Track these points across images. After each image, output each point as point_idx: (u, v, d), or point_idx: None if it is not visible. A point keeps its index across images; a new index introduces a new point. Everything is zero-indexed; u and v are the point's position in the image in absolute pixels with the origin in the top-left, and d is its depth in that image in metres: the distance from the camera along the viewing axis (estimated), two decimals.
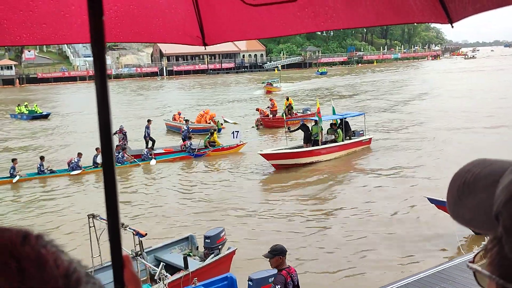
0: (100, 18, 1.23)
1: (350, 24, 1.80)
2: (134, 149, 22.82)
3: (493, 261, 0.60)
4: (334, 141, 21.73)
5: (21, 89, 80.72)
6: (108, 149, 1.17)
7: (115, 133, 21.71)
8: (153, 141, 23.79)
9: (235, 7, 1.82)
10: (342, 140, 21.72)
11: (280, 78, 55.41)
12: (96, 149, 20.41)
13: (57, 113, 42.32)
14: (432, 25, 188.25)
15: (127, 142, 22.93)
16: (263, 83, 56.67)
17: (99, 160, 20.20)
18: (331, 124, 22.35)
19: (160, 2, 1.92)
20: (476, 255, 0.65)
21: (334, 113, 22.89)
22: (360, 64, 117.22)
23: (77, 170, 20.15)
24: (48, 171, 20.05)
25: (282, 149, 21.07)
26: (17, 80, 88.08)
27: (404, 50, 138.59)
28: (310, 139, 21.32)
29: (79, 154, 20.57)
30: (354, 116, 24.07)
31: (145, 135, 23.75)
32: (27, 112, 40.41)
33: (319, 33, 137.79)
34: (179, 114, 31.21)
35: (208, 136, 23.89)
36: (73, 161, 20.41)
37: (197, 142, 23.15)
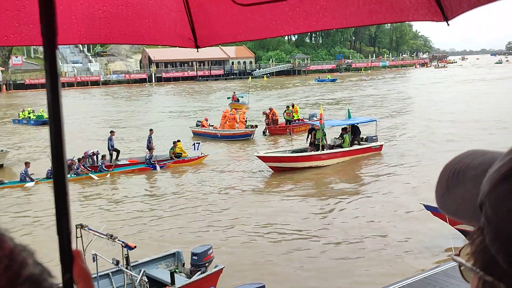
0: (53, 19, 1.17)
1: (343, 23, 1.78)
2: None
3: (475, 252, 0.59)
4: (340, 146, 21.63)
5: (8, 95, 79.97)
6: (59, 157, 1.12)
7: (89, 156, 21.22)
8: (118, 152, 22.95)
9: (227, 8, 1.80)
10: (348, 146, 21.60)
11: (249, 92, 47.05)
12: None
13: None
14: (420, 33, 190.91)
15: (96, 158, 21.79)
16: (228, 98, 46.64)
17: None
18: (342, 129, 22.24)
19: (151, 2, 1.88)
20: (462, 248, 0.64)
21: (349, 117, 22.68)
22: (349, 72, 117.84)
23: (30, 182, 19.19)
24: None
25: (284, 151, 21.08)
26: (4, 86, 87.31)
27: (392, 58, 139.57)
28: (315, 143, 21.38)
29: (27, 164, 19.72)
30: (365, 122, 23.89)
31: (108, 147, 22.75)
32: (34, 117, 39.32)
33: (308, 40, 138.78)
34: (206, 120, 30.65)
35: (172, 147, 23.00)
36: (22, 172, 19.50)
37: (157, 154, 22.57)
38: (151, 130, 24.08)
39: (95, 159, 21.56)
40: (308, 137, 22.52)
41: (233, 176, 19.87)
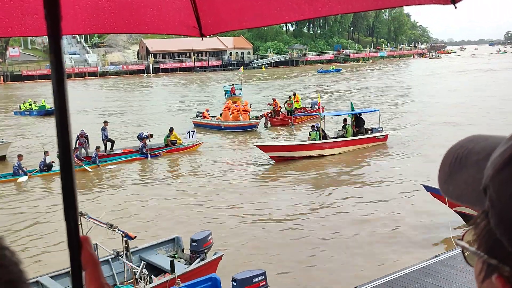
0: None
1: (349, 8, 1.75)
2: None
3: (479, 235, 0.60)
4: (343, 137, 21.53)
5: (6, 86, 79.68)
6: (65, 146, 1.12)
7: (77, 139, 21.00)
8: (112, 143, 22.66)
9: None
10: (351, 136, 21.47)
11: (242, 83, 44.23)
12: (45, 152, 19.46)
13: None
14: (418, 23, 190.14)
15: (87, 146, 21.66)
16: (226, 91, 43.20)
17: (48, 160, 19.21)
18: (343, 120, 22.22)
19: None
20: (465, 232, 0.64)
21: (352, 109, 22.58)
22: (347, 62, 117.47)
23: (23, 176, 18.78)
24: None
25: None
26: (1, 78, 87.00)
27: (391, 48, 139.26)
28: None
29: (19, 157, 19.44)
30: (367, 112, 23.89)
31: (102, 137, 22.41)
32: (36, 108, 39.54)
33: (306, 31, 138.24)
34: (207, 111, 30.54)
35: (167, 134, 22.94)
36: (14, 165, 19.19)
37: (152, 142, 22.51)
38: (151, 135, 23.35)
39: (87, 143, 21.45)
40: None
41: (234, 167, 19.87)
